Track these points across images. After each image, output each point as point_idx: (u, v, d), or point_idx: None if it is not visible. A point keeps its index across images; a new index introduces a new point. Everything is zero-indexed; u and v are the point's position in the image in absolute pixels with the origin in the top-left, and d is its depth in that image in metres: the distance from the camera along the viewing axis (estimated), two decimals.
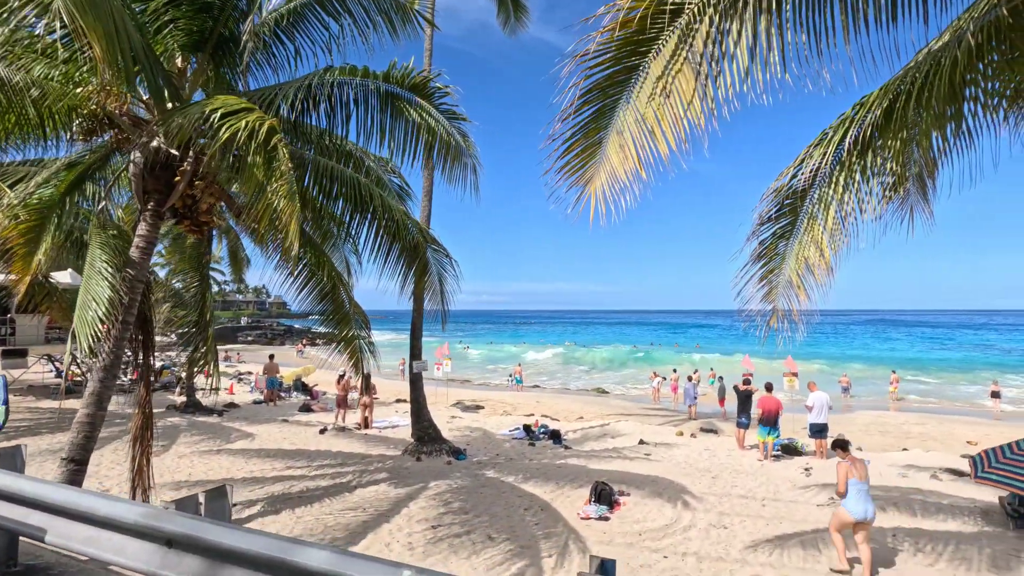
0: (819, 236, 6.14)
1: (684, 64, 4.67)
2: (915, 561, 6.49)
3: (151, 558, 2.25)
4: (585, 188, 5.06)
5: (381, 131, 7.27)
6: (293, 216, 4.83)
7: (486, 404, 21.22)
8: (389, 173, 10.29)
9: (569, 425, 16.42)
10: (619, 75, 4.93)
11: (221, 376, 27.95)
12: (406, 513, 7.75)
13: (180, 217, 7.36)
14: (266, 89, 7.44)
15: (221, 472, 9.65)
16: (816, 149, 6.04)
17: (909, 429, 17.75)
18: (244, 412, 16.39)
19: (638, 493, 8.83)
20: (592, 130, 5.08)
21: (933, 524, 7.73)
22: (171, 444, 11.46)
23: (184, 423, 14.00)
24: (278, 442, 12.22)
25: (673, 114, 4.73)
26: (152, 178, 6.90)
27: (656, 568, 6.21)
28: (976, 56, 4.75)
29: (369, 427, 14.47)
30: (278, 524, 7.25)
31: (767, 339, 6.59)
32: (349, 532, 7.02)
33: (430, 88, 7.24)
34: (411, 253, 8.54)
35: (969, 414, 22.42)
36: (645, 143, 4.85)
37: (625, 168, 4.93)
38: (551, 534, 7.06)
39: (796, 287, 6.49)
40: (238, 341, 66.06)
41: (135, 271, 6.81)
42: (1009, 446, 7.70)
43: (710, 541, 7.03)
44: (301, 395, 20.54)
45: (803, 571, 6.23)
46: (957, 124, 5.50)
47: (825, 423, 12.02)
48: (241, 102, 5.39)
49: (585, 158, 5.08)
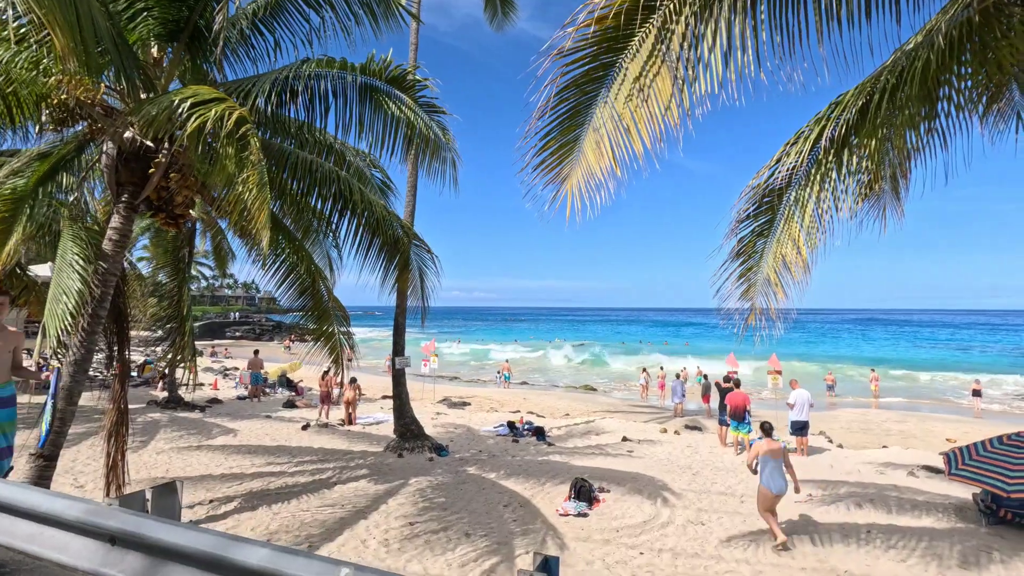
0: (796, 234, 6.17)
1: (662, 66, 4.65)
2: (887, 557, 6.55)
3: (94, 556, 2.20)
4: (562, 185, 5.04)
5: (360, 124, 7.20)
6: (263, 207, 4.77)
7: (473, 401, 21.20)
8: (371, 167, 10.21)
9: (555, 422, 16.44)
10: (596, 72, 4.90)
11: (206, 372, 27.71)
12: (384, 509, 7.72)
13: (156, 210, 7.25)
14: (243, 80, 7.35)
15: (200, 468, 9.56)
16: (793, 148, 6.06)
17: (890, 427, 17.96)
18: (227, 408, 16.26)
19: (618, 490, 8.85)
20: (569, 127, 5.06)
21: (907, 520, 7.81)
22: (150, 440, 11.34)
23: (165, 419, 13.86)
24: (259, 438, 12.13)
25: (649, 113, 4.71)
26: (126, 170, 6.79)
27: (631, 564, 6.22)
28: (949, 56, 4.77)
29: (353, 423, 14.41)
30: (254, 520, 7.20)
31: (745, 336, 6.62)
32: (326, 529, 6.98)
33: (409, 81, 7.18)
34: (392, 248, 8.49)
35: (951, 412, 22.74)
36: (621, 141, 4.83)
37: (601, 165, 4.92)
38: (529, 531, 7.06)
39: (774, 285, 6.53)
40: (226, 336, 65.62)
41: (108, 264, 6.70)
42: (982, 443, 7.80)
43: (687, 537, 7.06)
44: (286, 391, 20.41)
45: (777, 567, 6.27)
46: (930, 123, 5.55)
47: (806, 420, 12.12)
48: (213, 92, 5.31)
49: (561, 155, 5.06)
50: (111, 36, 5.37)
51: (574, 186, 4.93)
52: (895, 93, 5.23)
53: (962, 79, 5.23)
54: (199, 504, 7.75)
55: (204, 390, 20.20)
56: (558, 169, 5.08)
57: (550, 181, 5.04)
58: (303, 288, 8.77)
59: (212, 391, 19.86)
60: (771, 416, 17.11)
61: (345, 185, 7.83)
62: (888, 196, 7.33)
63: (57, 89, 5.95)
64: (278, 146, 7.80)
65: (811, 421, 16.83)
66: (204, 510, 7.56)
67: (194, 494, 8.15)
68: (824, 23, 4.59)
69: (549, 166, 5.04)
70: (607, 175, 4.83)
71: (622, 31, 4.63)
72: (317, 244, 10.39)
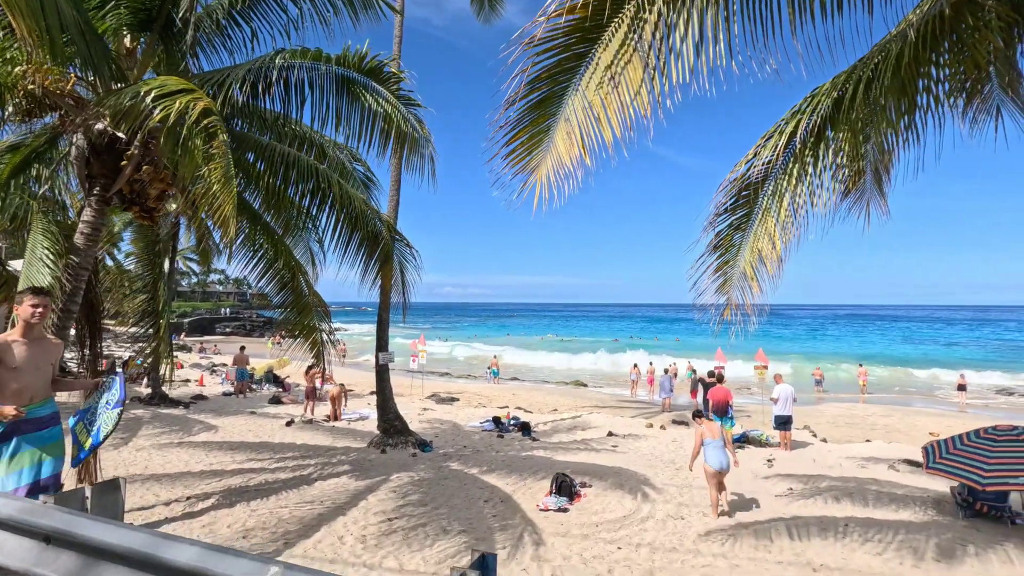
0: (772, 228, 6.15)
1: (634, 54, 4.60)
2: (863, 550, 6.58)
3: (27, 555, 2.15)
4: (531, 175, 4.98)
5: (337, 117, 7.12)
6: (229, 200, 4.69)
7: (461, 396, 21.18)
8: (354, 161, 10.12)
9: (542, 417, 16.45)
10: (568, 62, 4.85)
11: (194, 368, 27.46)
12: (364, 506, 7.67)
13: (129, 203, 7.16)
14: (218, 71, 7.26)
15: (179, 465, 9.46)
16: (768, 141, 6.03)
17: (875, 421, 18.12)
18: (212, 404, 16.13)
19: (600, 484, 8.85)
20: (540, 117, 5.00)
21: (885, 514, 7.85)
22: (131, 437, 11.22)
23: (148, 415, 13.72)
24: (242, 434, 12.03)
25: (620, 101, 4.67)
26: (98, 162, 6.68)
27: (609, 559, 6.21)
28: (923, 50, 4.76)
29: (338, 419, 14.34)
30: (231, 517, 7.13)
31: (720, 331, 6.61)
32: (303, 525, 6.92)
33: (386, 73, 7.10)
34: (372, 242, 8.42)
35: (936, 406, 22.97)
36: (591, 130, 4.79)
37: (571, 155, 4.87)
38: (507, 526, 7.03)
39: (750, 279, 6.50)
40: (216, 332, 65.22)
41: (79, 258, 6.60)
42: (960, 437, 7.85)
43: (666, 532, 7.06)
44: (273, 387, 20.29)
45: (753, 560, 6.28)
46: (910, 118, 5.53)
47: (790, 415, 12.18)
48: (182, 83, 5.21)
49: (531, 145, 5.00)
50: (77, 24, 5.25)
51: (543, 176, 4.88)
52: (869, 87, 5.21)
53: (940, 71, 5.21)
54: (176, 501, 7.66)
55: (190, 386, 20.06)
56: (528, 159, 5.02)
57: (519, 171, 4.98)
58: (283, 283, 8.69)
59: (198, 387, 19.71)
60: (757, 410, 17.26)
61: (324, 178, 7.75)
62: (872, 191, 7.33)
63: (23, 78, 5.83)
64: (255, 139, 7.72)
65: (797, 416, 16.94)
66: (181, 507, 7.47)
67: (172, 491, 8.07)
68: (797, 15, 4.56)
69: (519, 156, 4.98)
70: (576, 164, 4.79)
71: (593, 20, 4.58)
72: (300, 239, 10.32)
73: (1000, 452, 7.06)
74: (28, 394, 3.98)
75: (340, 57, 6.94)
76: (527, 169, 5.02)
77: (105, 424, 4.47)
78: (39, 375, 4.09)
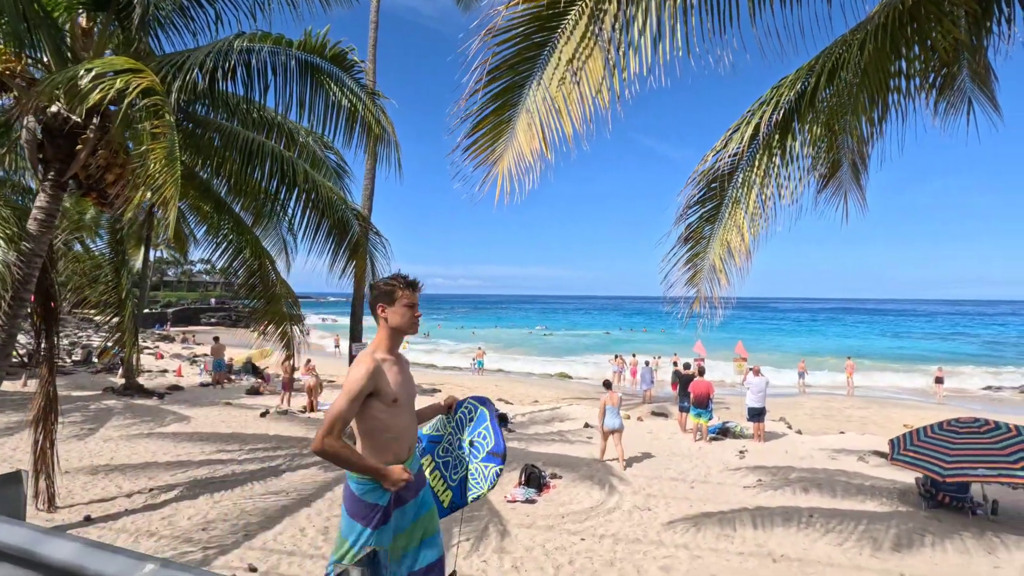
0: (741, 220, 6.13)
1: (595, 47, 4.52)
2: (825, 541, 6.63)
3: None
4: (493, 167, 4.90)
5: (300, 104, 6.95)
6: (171, 182, 4.55)
7: (444, 388, 21.13)
8: (326, 150, 9.95)
9: (522, 408, 16.45)
10: (528, 51, 4.75)
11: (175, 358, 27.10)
12: (330, 497, 7.60)
13: (87, 189, 6.98)
14: (177, 53, 7.05)
15: (146, 456, 9.33)
16: (736, 133, 5.98)
17: (852, 413, 18.33)
18: (187, 395, 15.94)
19: (570, 476, 8.85)
20: (501, 107, 4.90)
21: (850, 505, 7.93)
22: (99, 427, 11.04)
23: (120, 406, 13.51)
24: (215, 425, 11.89)
25: (580, 94, 4.60)
26: (52, 146, 6.48)
27: (571, 550, 6.20)
28: (883, 41, 4.71)
29: (315, 410, 14.23)
30: (193, 509, 7.04)
31: (688, 323, 6.60)
32: (266, 517, 6.85)
33: (349, 61, 6.94)
34: (341, 231, 8.29)
35: (914, 398, 23.30)
36: (552, 123, 4.71)
37: (532, 147, 4.79)
38: (473, 517, 7.00)
39: (718, 271, 6.48)
40: (201, 323, 64.59)
41: (33, 245, 6.42)
42: (924, 429, 7.93)
43: (631, 523, 7.07)
44: (252, 378, 20.11)
45: (715, 551, 6.30)
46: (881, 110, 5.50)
47: (762, 407, 12.25)
48: (129, 63, 5.05)
49: (493, 136, 4.91)
50: (16, 2, 5.05)
51: (504, 168, 4.80)
52: (832, 78, 5.18)
53: (910, 64, 5.16)
54: (138, 493, 7.55)
55: (167, 377, 19.83)
56: (490, 150, 4.93)
57: (481, 163, 4.89)
58: (251, 271, 8.56)
59: (176, 378, 19.48)
60: (736, 402, 17.37)
61: (288, 165, 7.60)
62: (849, 183, 7.33)
63: None
64: (218, 123, 7.54)
65: (776, 407, 17.10)
66: (143, 499, 7.36)
67: (135, 482, 7.96)
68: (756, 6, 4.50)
69: (480, 147, 4.90)
70: (537, 157, 4.72)
71: (552, 8, 4.48)
72: (271, 228, 10.13)
73: (961, 444, 7.13)
74: (407, 443, 2.78)
75: (302, 43, 6.77)
76: (489, 161, 4.93)
77: (477, 482, 3.14)
78: (412, 412, 2.90)
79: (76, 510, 6.84)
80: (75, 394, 14.81)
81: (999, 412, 18.03)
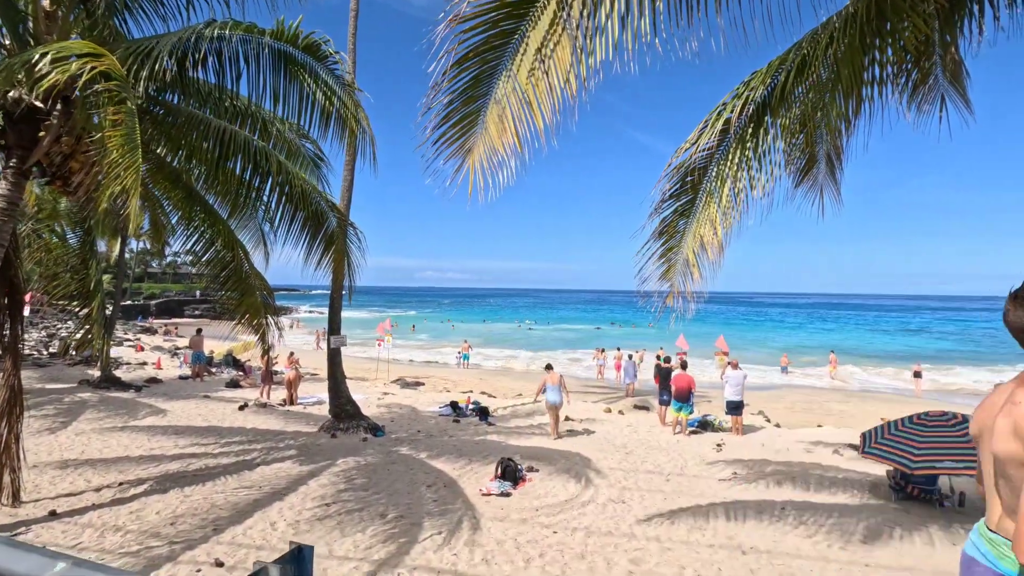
0: (714, 214, 6.11)
1: (563, 34, 4.46)
2: (796, 533, 6.69)
3: None
4: (464, 159, 4.82)
5: (275, 95, 6.80)
6: (132, 171, 4.43)
7: (427, 381, 21.07)
8: (303, 140, 9.79)
9: (504, 402, 16.44)
10: (496, 39, 4.66)
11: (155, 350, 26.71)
12: (303, 491, 7.54)
13: (52, 177, 6.82)
14: (146, 39, 6.86)
15: (119, 450, 9.20)
16: (709, 126, 5.96)
17: (831, 407, 18.53)
18: (165, 388, 15.74)
19: (547, 469, 8.86)
20: (471, 98, 4.81)
21: (823, 497, 8.01)
22: (71, 420, 10.87)
23: (95, 399, 13.32)
24: (191, 419, 11.76)
25: (550, 85, 4.52)
26: (13, 132, 6.31)
27: (543, 544, 6.20)
28: (849, 35, 4.70)
29: (294, 403, 14.12)
30: (162, 504, 6.95)
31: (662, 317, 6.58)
32: (236, 511, 6.77)
33: (323, 51, 6.81)
34: (316, 223, 8.19)
35: (894, 393, 23.62)
36: (523, 115, 4.63)
37: (503, 141, 4.71)
38: (447, 511, 6.97)
39: (692, 265, 6.47)
40: (185, 315, 63.85)
41: None
42: (895, 423, 8.02)
43: (605, 516, 7.09)
44: (233, 371, 19.90)
45: (686, 544, 6.33)
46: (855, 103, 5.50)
47: (740, 400, 12.34)
48: (88, 47, 4.90)
49: (463, 128, 4.82)
50: None
51: (476, 161, 4.73)
52: (802, 74, 5.17)
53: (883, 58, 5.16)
54: (107, 487, 7.44)
55: (146, 369, 19.57)
56: (461, 141, 4.85)
57: (452, 155, 4.80)
58: (224, 262, 8.42)
59: (154, 370, 19.23)
60: (716, 395, 17.49)
61: (262, 155, 7.48)
62: (825, 179, 7.36)
63: None
64: (189, 112, 7.38)
65: (756, 401, 17.24)
66: (111, 493, 7.25)
67: (105, 477, 7.84)
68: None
69: (450, 139, 4.81)
70: (509, 152, 4.64)
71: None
72: (248, 220, 9.97)
73: (929, 437, 7.23)
74: None
75: (275, 32, 6.62)
76: (459, 153, 4.85)
77: None
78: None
79: (41, 505, 6.72)
80: (49, 387, 14.56)
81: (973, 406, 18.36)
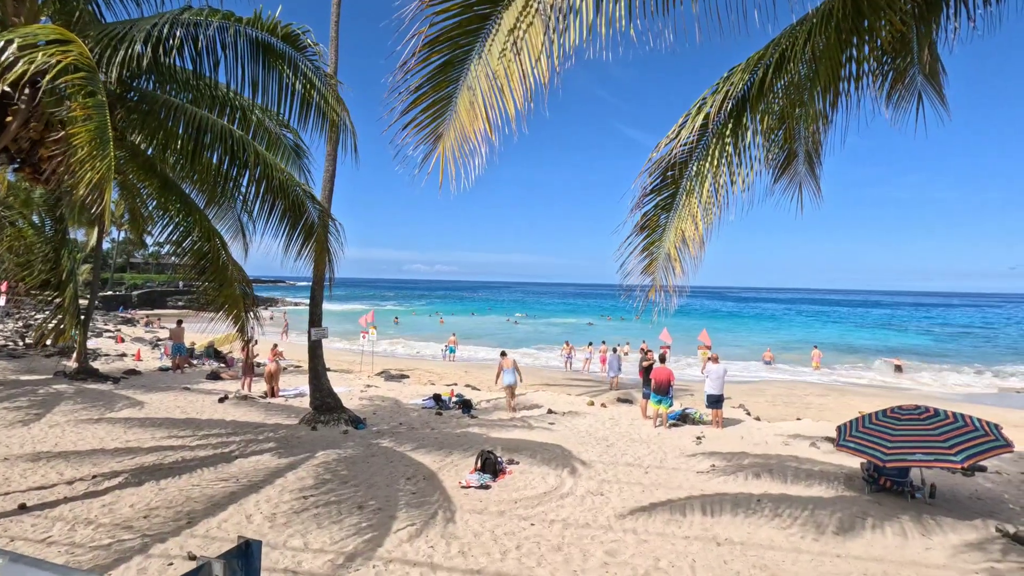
0: (695, 209, 6.12)
1: (536, 16, 4.40)
2: (770, 525, 6.78)
3: None
4: (435, 146, 4.75)
5: (253, 84, 6.69)
6: (102, 166, 4.32)
7: (412, 373, 20.99)
8: (284, 129, 9.65)
9: (488, 395, 16.44)
10: (469, 23, 4.58)
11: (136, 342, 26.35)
12: (281, 484, 7.49)
13: (21, 164, 6.66)
14: (120, 23, 6.72)
15: (94, 442, 9.06)
16: (689, 121, 5.97)
17: (811, 400, 18.78)
18: (144, 380, 15.52)
19: (528, 461, 8.89)
20: (441, 83, 4.72)
21: (799, 490, 8.12)
22: (45, 412, 10.68)
23: (70, 391, 13.09)
24: (169, 411, 11.61)
25: (522, 69, 4.46)
26: None
27: (520, 536, 6.22)
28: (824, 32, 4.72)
29: (275, 396, 14.00)
30: (136, 497, 6.86)
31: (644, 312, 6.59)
32: (211, 504, 6.71)
33: (302, 41, 6.70)
34: (295, 214, 8.09)
35: (874, 387, 23.97)
36: (495, 101, 4.58)
37: (475, 127, 4.64)
38: (424, 503, 6.97)
39: (673, 260, 6.48)
40: (168, 306, 63.01)
41: None
42: (869, 416, 8.15)
43: (583, 508, 7.13)
44: (214, 362, 19.68)
45: (663, 536, 6.39)
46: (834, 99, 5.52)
47: (720, 394, 12.46)
48: (57, 32, 4.78)
49: (434, 113, 4.74)
50: None
51: (447, 148, 4.67)
52: (780, 69, 5.18)
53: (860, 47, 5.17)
54: (80, 480, 7.33)
55: (125, 361, 19.28)
56: (432, 127, 4.76)
57: (422, 140, 4.70)
58: (201, 253, 8.30)
59: (134, 362, 18.95)
60: (698, 388, 17.65)
61: (240, 145, 7.35)
62: (805, 175, 7.40)
63: None
64: (163, 98, 7.23)
65: (738, 394, 17.42)
66: (84, 486, 7.15)
67: (78, 470, 7.72)
68: None
69: (420, 124, 4.71)
70: (481, 139, 4.59)
71: None
72: (227, 211, 9.83)
73: (902, 430, 7.35)
74: None
75: (252, 20, 6.49)
76: (431, 138, 4.79)
77: None
78: None
79: (11, 498, 6.61)
80: (24, 378, 14.29)
81: (951, 401, 18.73)
